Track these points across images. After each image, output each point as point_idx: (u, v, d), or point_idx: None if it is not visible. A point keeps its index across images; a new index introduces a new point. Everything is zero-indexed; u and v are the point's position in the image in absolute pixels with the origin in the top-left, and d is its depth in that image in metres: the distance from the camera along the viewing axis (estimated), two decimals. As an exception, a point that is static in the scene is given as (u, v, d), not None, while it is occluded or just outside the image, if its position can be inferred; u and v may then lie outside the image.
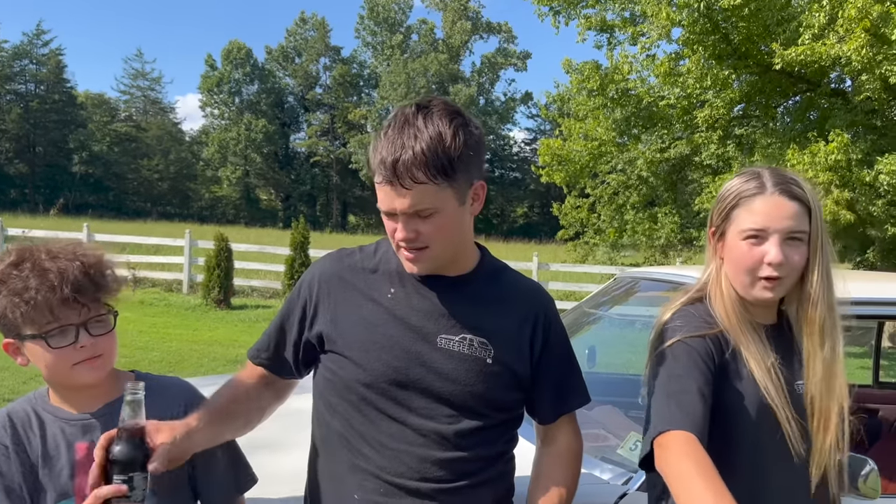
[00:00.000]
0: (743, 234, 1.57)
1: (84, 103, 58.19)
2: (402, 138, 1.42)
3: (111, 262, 1.53)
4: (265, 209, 60.98)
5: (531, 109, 61.45)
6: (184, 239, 14.65)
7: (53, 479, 1.48)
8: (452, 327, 1.55)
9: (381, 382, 1.53)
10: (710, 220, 1.69)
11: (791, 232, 1.55)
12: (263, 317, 12.88)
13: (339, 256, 1.67)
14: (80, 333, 1.44)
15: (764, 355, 1.57)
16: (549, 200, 22.99)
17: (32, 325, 1.42)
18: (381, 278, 1.60)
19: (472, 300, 1.58)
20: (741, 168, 9.59)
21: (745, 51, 10.74)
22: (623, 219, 13.69)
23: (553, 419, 1.65)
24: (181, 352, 9.11)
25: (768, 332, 1.63)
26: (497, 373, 1.55)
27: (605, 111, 12.35)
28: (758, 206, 1.56)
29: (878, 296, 2.38)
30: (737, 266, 1.59)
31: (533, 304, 1.63)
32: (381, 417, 1.54)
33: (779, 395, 1.54)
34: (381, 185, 1.45)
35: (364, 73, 63.32)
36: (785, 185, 1.57)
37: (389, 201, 1.44)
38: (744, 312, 1.61)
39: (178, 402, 1.61)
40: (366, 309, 1.56)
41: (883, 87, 9.16)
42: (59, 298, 1.41)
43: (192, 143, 64.11)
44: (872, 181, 9.07)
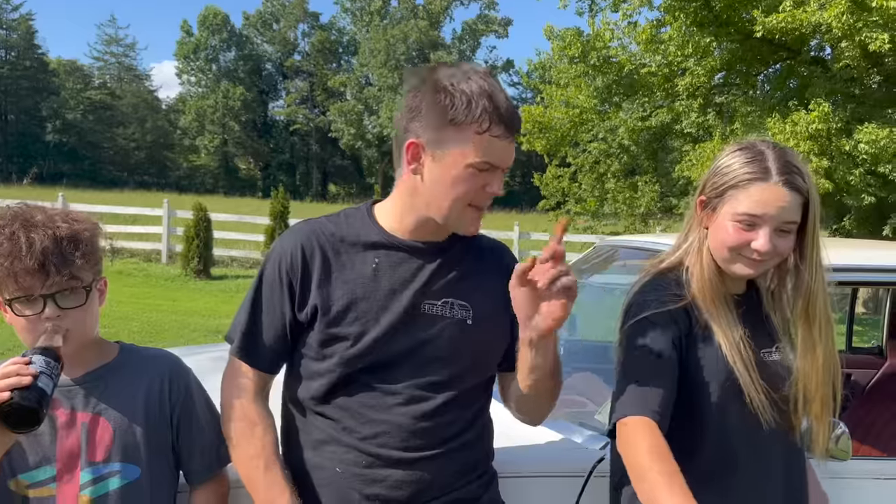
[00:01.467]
0: (737, 216, 1.57)
1: (56, 70, 56.97)
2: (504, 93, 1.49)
3: (91, 234, 1.50)
4: (244, 178, 60.40)
5: (512, 77, 61.00)
6: (162, 209, 14.50)
7: (34, 445, 1.48)
8: (434, 292, 1.56)
9: (368, 354, 1.53)
10: (700, 188, 1.67)
11: (784, 223, 1.56)
12: (244, 287, 12.82)
13: (313, 230, 1.61)
14: (48, 304, 1.43)
15: (733, 327, 1.59)
16: (529, 170, 22.97)
17: (3, 290, 1.43)
18: (362, 250, 1.58)
19: (449, 264, 1.59)
20: (730, 138, 9.61)
21: (726, 18, 10.71)
22: (604, 188, 13.73)
23: None
24: (161, 322, 9.06)
25: (738, 302, 1.65)
26: (478, 333, 1.58)
27: (587, 79, 12.30)
28: (758, 194, 1.55)
29: (854, 262, 2.41)
30: (722, 243, 1.60)
31: (502, 261, 1.68)
32: (365, 388, 1.54)
33: (747, 366, 1.56)
34: (499, 139, 1.47)
35: (343, 39, 62.47)
36: (789, 174, 1.55)
37: (506, 156, 1.50)
38: (719, 285, 1.63)
39: (161, 372, 1.61)
40: (352, 282, 1.55)
41: (862, 54, 9.20)
42: (23, 268, 1.39)
43: (169, 112, 63.16)
44: (851, 150, 9.14)
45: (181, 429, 1.60)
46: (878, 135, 8.80)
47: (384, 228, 1.60)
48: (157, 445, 1.57)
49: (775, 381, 1.60)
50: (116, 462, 1.50)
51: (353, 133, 52.80)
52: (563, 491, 1.88)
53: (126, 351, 1.62)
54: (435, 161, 1.50)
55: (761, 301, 1.69)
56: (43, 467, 1.47)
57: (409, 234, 1.59)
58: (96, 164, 56.19)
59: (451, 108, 1.45)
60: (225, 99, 57.17)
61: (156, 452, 1.56)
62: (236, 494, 1.72)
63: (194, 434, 1.61)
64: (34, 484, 1.46)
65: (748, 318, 1.64)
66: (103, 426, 1.50)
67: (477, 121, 1.44)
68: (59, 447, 1.48)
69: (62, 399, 1.50)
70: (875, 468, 2.17)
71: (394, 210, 1.61)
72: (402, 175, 1.57)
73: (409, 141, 1.51)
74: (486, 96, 1.45)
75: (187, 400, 1.62)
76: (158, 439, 1.57)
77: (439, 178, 1.50)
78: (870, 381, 3.75)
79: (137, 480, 1.52)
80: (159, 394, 1.58)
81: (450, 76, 1.48)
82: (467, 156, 1.46)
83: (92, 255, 1.49)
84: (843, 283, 2.47)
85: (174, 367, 1.64)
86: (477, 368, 1.61)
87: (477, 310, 1.59)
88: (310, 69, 61.37)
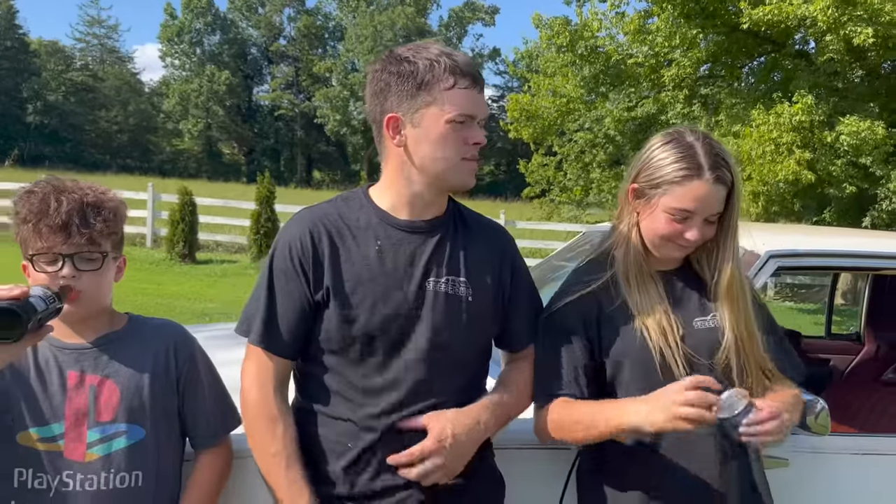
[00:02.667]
0: (671, 209, 1.67)
1: (37, 51, 56.03)
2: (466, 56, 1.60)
3: (114, 207, 1.59)
4: (228, 163, 59.87)
5: (499, 66, 60.89)
6: (146, 192, 14.40)
7: (45, 402, 1.54)
8: (438, 269, 1.64)
9: (378, 332, 1.59)
10: (633, 177, 1.76)
11: (712, 215, 1.68)
12: (229, 272, 12.81)
13: (318, 216, 1.66)
14: (65, 264, 1.50)
15: (655, 302, 1.70)
16: (515, 158, 22.99)
17: (26, 245, 1.52)
18: (366, 233, 1.64)
19: (449, 242, 1.67)
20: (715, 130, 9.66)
21: (712, 10, 10.79)
22: (589, 177, 13.80)
23: (526, 344, 1.79)
24: (146, 306, 9.03)
25: (667, 277, 1.76)
26: (477, 309, 1.66)
27: (574, 68, 12.34)
28: (691, 191, 1.65)
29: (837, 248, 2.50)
30: (654, 231, 1.71)
31: (499, 240, 1.78)
32: (375, 365, 1.61)
33: (667, 337, 1.67)
34: (468, 90, 1.57)
35: (329, 25, 61.95)
36: (719, 170, 1.66)
37: (478, 107, 1.59)
38: (643, 264, 1.75)
39: (167, 341, 1.68)
40: (358, 265, 1.61)
41: (846, 48, 9.32)
42: (48, 225, 1.49)
43: (152, 95, 62.34)
44: (833, 142, 9.27)
45: (186, 395, 1.67)
46: (860, 126, 8.94)
47: (382, 209, 1.66)
48: (163, 410, 1.63)
49: (706, 347, 1.70)
50: (122, 423, 1.57)
51: (339, 119, 52.47)
52: (557, 462, 1.95)
53: (135, 321, 1.70)
54: (415, 127, 1.58)
55: (696, 274, 1.79)
56: (52, 424, 1.54)
57: (407, 213, 1.66)
58: (78, 146, 55.44)
59: (416, 74, 1.55)
60: (209, 83, 56.55)
61: (161, 416, 1.63)
62: (240, 465, 1.78)
63: (199, 401, 1.68)
64: (44, 438, 1.53)
65: (679, 290, 1.76)
66: (111, 388, 1.57)
67: (443, 78, 1.55)
68: (67, 406, 1.54)
69: (72, 361, 1.57)
70: (852, 444, 2.26)
71: (388, 190, 1.67)
72: (388, 155, 1.64)
73: (387, 116, 1.59)
74: (445, 55, 1.57)
75: (192, 368, 1.69)
76: (164, 404, 1.64)
77: (424, 142, 1.58)
78: (848, 365, 3.87)
79: (142, 441, 1.59)
80: (165, 361, 1.65)
81: (407, 50, 1.60)
82: (443, 113, 1.55)
83: (113, 224, 1.57)
84: (826, 268, 2.57)
85: (180, 337, 1.71)
86: (475, 340, 1.70)
87: (474, 285, 1.67)
88: (295, 54, 60.84)
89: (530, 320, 1.79)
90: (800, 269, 1.84)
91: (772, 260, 2.26)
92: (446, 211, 1.71)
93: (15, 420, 1.53)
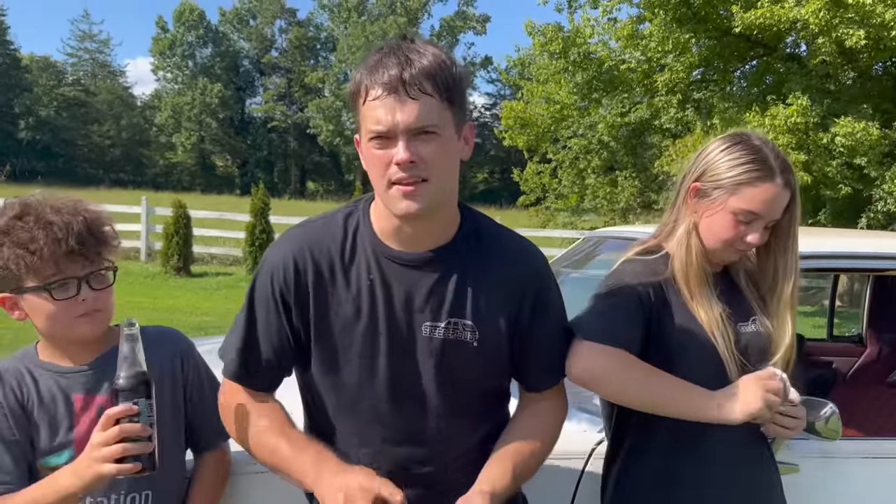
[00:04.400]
0: (738, 212, 1.65)
1: (29, 66, 55.95)
2: (405, 54, 1.31)
3: (109, 220, 1.56)
4: (221, 176, 59.78)
5: (491, 74, 61.01)
6: (140, 206, 14.34)
7: (53, 431, 1.50)
8: (437, 311, 1.43)
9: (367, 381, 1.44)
10: (695, 176, 1.73)
11: (772, 221, 1.68)
12: (224, 284, 12.75)
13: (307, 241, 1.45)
14: (82, 287, 1.46)
15: (714, 304, 1.68)
16: (509, 166, 23.00)
17: (36, 276, 1.43)
18: (358, 264, 1.44)
19: (455, 277, 1.44)
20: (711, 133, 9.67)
21: (704, 15, 10.82)
22: (584, 183, 13.80)
23: (542, 389, 1.58)
24: (142, 320, 8.90)
25: (716, 279, 1.75)
26: (485, 356, 1.46)
27: (567, 75, 12.35)
28: (762, 193, 1.64)
29: (837, 250, 2.48)
30: (717, 233, 1.69)
31: (522, 270, 1.50)
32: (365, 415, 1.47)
33: (724, 338, 1.65)
34: (379, 100, 1.29)
35: (321, 35, 62.06)
36: (787, 174, 1.66)
37: (391, 116, 1.28)
38: (705, 266, 1.72)
39: (172, 350, 1.65)
40: (348, 302, 1.43)
41: (838, 50, 9.34)
42: (64, 251, 1.43)
43: (145, 108, 62.27)
44: (828, 143, 9.29)
45: (193, 402, 1.65)
46: (855, 127, 8.96)
47: (378, 236, 1.45)
48: (172, 422, 1.60)
49: (750, 351, 1.71)
50: None
51: (332, 129, 52.52)
52: (564, 472, 1.92)
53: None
54: (361, 147, 1.39)
55: (734, 279, 1.79)
56: (61, 452, 1.50)
57: (399, 241, 1.44)
58: (71, 161, 55.29)
59: (351, 86, 1.37)
60: (202, 96, 56.54)
61: (169, 430, 1.59)
62: (237, 482, 1.74)
63: (205, 406, 1.65)
64: (56, 467, 1.48)
65: (724, 293, 1.74)
66: None
67: (360, 90, 1.33)
68: (75, 432, 1.51)
69: (76, 385, 1.53)
70: (858, 448, 2.24)
71: (376, 210, 1.47)
72: None
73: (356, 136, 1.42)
74: (366, 67, 1.33)
75: (197, 374, 1.66)
76: (172, 415, 1.61)
77: (364, 163, 1.38)
78: (851, 367, 3.85)
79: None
80: (172, 371, 1.62)
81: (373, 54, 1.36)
82: (366, 131, 1.33)
83: (115, 237, 1.55)
84: (826, 269, 2.54)
85: (184, 345, 1.68)
86: (484, 390, 1.52)
87: (483, 328, 1.44)
88: (287, 65, 60.90)
89: (554, 360, 1.55)
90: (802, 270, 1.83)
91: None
92: (456, 236, 1.47)
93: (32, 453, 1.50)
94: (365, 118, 1.33)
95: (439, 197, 1.37)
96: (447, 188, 1.39)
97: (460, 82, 1.35)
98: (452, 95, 1.33)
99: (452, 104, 1.34)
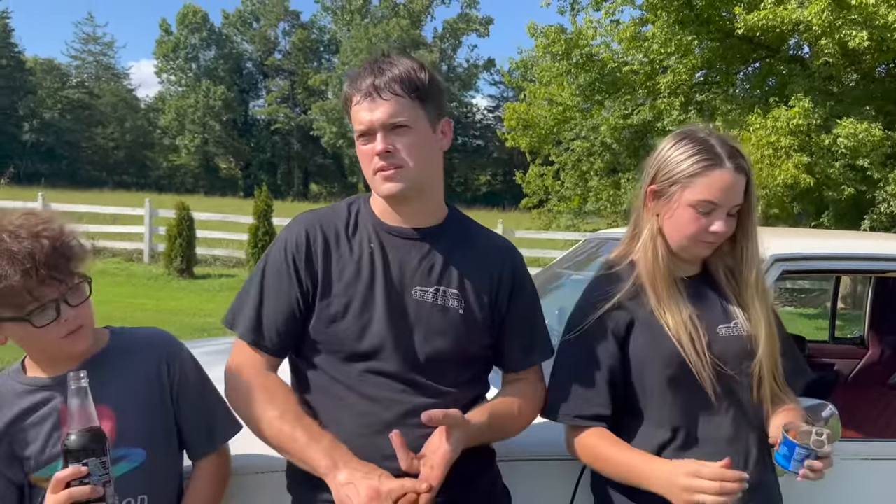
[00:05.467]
0: (696, 203, 1.65)
1: (33, 69, 56.12)
2: (378, 66, 1.57)
3: (73, 231, 1.49)
4: (225, 178, 59.91)
5: (494, 76, 61.09)
6: (143, 208, 14.37)
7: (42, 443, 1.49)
8: (427, 279, 1.62)
9: (363, 338, 1.58)
10: (650, 179, 1.73)
11: (734, 206, 1.67)
12: (227, 286, 12.77)
13: (316, 218, 1.68)
14: (62, 307, 1.43)
15: (682, 308, 1.67)
16: (511, 168, 23.05)
17: (12, 308, 1.40)
18: (359, 236, 1.65)
19: (444, 252, 1.65)
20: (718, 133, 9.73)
21: (706, 17, 10.81)
22: (587, 185, 13.78)
23: (520, 368, 1.75)
24: (145, 321, 8.98)
25: (689, 284, 1.74)
26: (468, 323, 1.63)
27: (569, 77, 12.34)
28: (714, 181, 1.64)
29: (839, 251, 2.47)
30: (680, 230, 1.69)
31: (502, 259, 1.72)
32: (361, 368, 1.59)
33: (694, 343, 1.64)
34: (359, 104, 1.56)
35: (324, 38, 62.17)
36: (736, 159, 1.66)
37: (369, 115, 1.55)
38: (670, 270, 1.71)
39: (157, 353, 1.62)
40: (350, 266, 1.62)
41: (841, 51, 9.32)
42: (36, 281, 1.39)
43: (148, 111, 62.43)
44: (831, 145, 9.26)
45: (181, 404, 1.61)
46: (858, 128, 8.93)
47: (377, 215, 1.67)
48: (161, 426, 1.58)
49: (732, 354, 1.69)
50: (121, 448, 1.51)
51: (335, 132, 52.56)
52: (563, 473, 1.92)
53: (117, 335, 1.63)
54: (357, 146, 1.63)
55: (715, 280, 1.77)
56: (53, 464, 1.47)
57: (394, 219, 1.66)
58: (74, 163, 55.44)
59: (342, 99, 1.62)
60: (205, 98, 56.66)
61: (160, 434, 1.58)
62: (239, 483, 1.74)
63: (194, 409, 1.63)
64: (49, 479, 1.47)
65: (701, 297, 1.73)
66: (104, 414, 1.49)
67: (348, 97, 1.60)
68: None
69: (62, 395, 1.49)
70: (859, 449, 2.23)
71: (377, 197, 1.68)
72: None
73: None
74: (349, 79, 1.61)
75: (184, 376, 1.63)
76: (162, 420, 1.59)
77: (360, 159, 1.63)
78: (853, 369, 3.84)
79: (144, 463, 1.53)
80: (157, 374, 1.59)
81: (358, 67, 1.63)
82: (355, 132, 1.59)
83: (82, 248, 1.49)
84: (828, 271, 2.54)
85: (169, 346, 1.65)
86: (468, 355, 1.66)
87: (467, 299, 1.63)
88: (290, 68, 61.00)
89: (527, 343, 1.74)
90: (805, 272, 1.84)
91: (777, 264, 2.22)
92: (445, 220, 1.70)
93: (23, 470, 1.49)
94: (353, 121, 1.59)
95: (418, 179, 1.60)
96: (425, 173, 1.62)
97: (431, 84, 1.59)
98: (423, 94, 1.57)
99: (423, 102, 1.58)
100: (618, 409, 1.73)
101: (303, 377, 1.67)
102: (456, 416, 1.48)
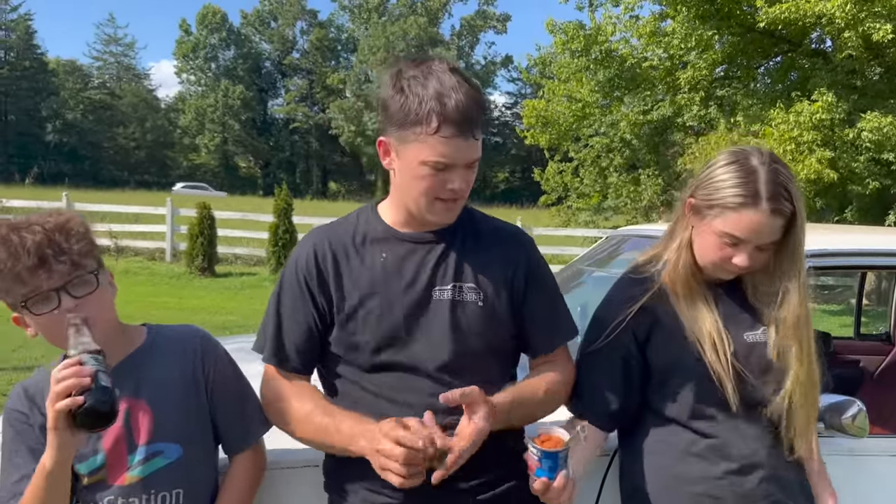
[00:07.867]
0: (722, 234, 1.61)
1: (55, 70, 56.97)
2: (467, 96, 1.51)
3: (79, 224, 1.50)
4: (244, 177, 60.40)
5: (511, 73, 61.06)
6: (165, 207, 14.52)
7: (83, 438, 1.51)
8: (443, 278, 1.62)
9: (386, 344, 1.58)
10: (692, 190, 1.70)
11: (765, 244, 1.62)
12: (248, 284, 12.87)
13: (325, 234, 1.69)
14: (62, 297, 1.43)
15: (706, 312, 1.66)
16: (530, 165, 22.99)
17: (8, 294, 1.44)
18: (370, 247, 1.65)
19: (457, 250, 1.65)
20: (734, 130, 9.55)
21: (727, 11, 10.73)
22: (606, 182, 13.74)
23: (550, 349, 1.74)
24: (167, 320, 9.00)
25: (718, 290, 1.71)
26: (489, 314, 1.63)
27: (588, 73, 12.31)
28: (744, 220, 1.58)
29: (865, 247, 2.45)
30: (705, 253, 1.67)
31: (513, 246, 1.72)
32: (388, 374, 1.59)
33: (717, 350, 1.62)
34: (449, 138, 1.49)
35: (342, 37, 62.42)
36: (778, 201, 1.57)
37: (459, 153, 1.52)
38: (692, 278, 1.69)
39: (193, 349, 1.64)
40: (363, 279, 1.62)
41: (865, 44, 9.22)
42: (25, 266, 1.40)
43: (169, 111, 63.15)
44: (855, 139, 9.16)
45: (216, 400, 1.64)
46: (882, 122, 8.82)
47: (388, 224, 1.67)
48: (197, 421, 1.61)
49: (752, 361, 1.65)
50: (159, 443, 1.54)
51: (353, 130, 52.75)
52: (589, 469, 1.92)
53: (154, 332, 1.65)
54: (399, 158, 1.57)
55: (743, 289, 1.73)
56: (93, 457, 1.51)
57: (410, 227, 1.66)
58: (97, 163, 56.18)
59: (405, 108, 1.52)
60: (224, 97, 57.16)
61: (196, 429, 1.60)
62: (273, 476, 1.76)
63: (230, 405, 1.65)
64: (90, 472, 1.51)
65: (730, 302, 1.71)
66: (143, 410, 1.53)
67: (427, 121, 1.49)
68: (105, 437, 1.51)
69: None
70: (886, 446, 2.21)
71: (391, 205, 1.68)
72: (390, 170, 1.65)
73: (379, 138, 1.62)
74: (436, 98, 1.50)
75: (220, 372, 1.65)
76: (197, 415, 1.61)
77: (404, 174, 1.57)
78: (879, 366, 3.80)
79: (180, 458, 1.56)
80: (193, 371, 1.61)
81: (411, 77, 1.54)
82: (421, 154, 1.52)
83: (86, 240, 1.49)
84: (853, 267, 2.51)
85: (204, 343, 1.66)
86: (493, 347, 1.66)
87: (486, 291, 1.64)
88: (309, 67, 61.33)
89: (551, 326, 1.74)
90: (832, 268, 1.81)
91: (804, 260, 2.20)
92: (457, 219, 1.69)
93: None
94: (425, 145, 1.51)
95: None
96: None
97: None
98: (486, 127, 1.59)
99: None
100: (639, 410, 1.73)
101: (332, 389, 1.68)
102: (473, 393, 1.48)
